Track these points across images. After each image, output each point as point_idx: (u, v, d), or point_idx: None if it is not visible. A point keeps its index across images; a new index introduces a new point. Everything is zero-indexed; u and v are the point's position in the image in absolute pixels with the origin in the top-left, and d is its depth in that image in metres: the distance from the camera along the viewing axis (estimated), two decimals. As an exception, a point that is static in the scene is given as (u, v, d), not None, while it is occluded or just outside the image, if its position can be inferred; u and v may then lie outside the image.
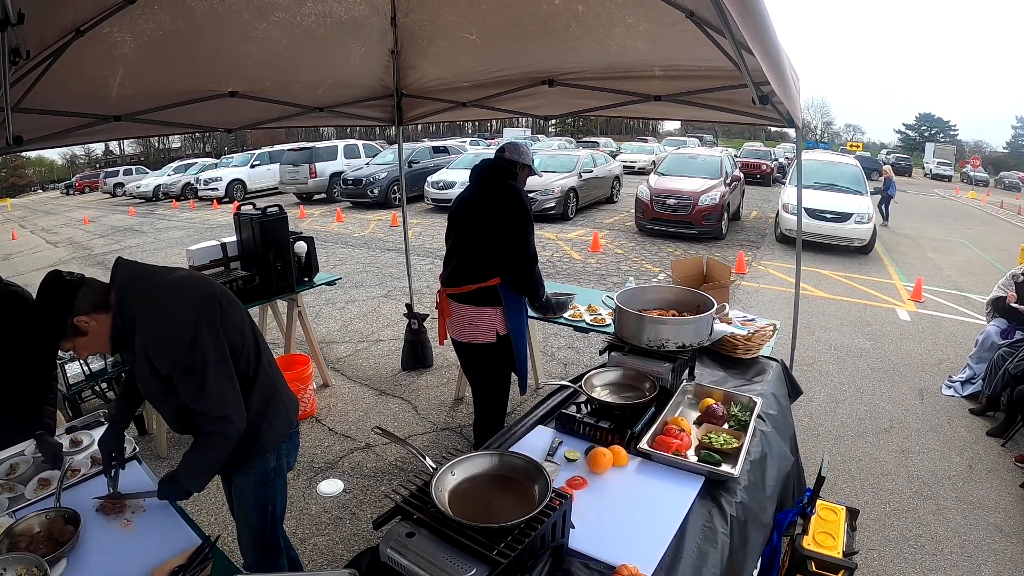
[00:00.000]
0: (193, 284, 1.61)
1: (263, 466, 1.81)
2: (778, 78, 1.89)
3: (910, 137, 58.51)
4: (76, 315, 1.47)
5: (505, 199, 2.60)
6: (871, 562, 2.67)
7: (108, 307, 1.51)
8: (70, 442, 2.03)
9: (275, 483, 1.86)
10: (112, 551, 1.53)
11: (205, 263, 3.80)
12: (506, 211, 2.58)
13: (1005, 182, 32.21)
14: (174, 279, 1.61)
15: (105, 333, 1.52)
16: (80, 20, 1.96)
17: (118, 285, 1.53)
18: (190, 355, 1.50)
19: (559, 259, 8.72)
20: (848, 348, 5.35)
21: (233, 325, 1.64)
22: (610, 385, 2.11)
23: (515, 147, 2.78)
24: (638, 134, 40.54)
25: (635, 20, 2.42)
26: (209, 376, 1.52)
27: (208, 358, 1.52)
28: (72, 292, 1.48)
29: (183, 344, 1.50)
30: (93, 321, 1.49)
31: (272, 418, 1.77)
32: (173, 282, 1.59)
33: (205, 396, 1.54)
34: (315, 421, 3.97)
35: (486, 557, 1.17)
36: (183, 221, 14.27)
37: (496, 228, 2.61)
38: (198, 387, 1.53)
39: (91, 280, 1.55)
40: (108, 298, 1.52)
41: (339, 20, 2.75)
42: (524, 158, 2.77)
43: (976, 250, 10.69)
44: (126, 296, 1.52)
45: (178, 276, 1.64)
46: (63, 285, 1.48)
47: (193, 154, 38.53)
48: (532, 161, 2.80)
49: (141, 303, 1.52)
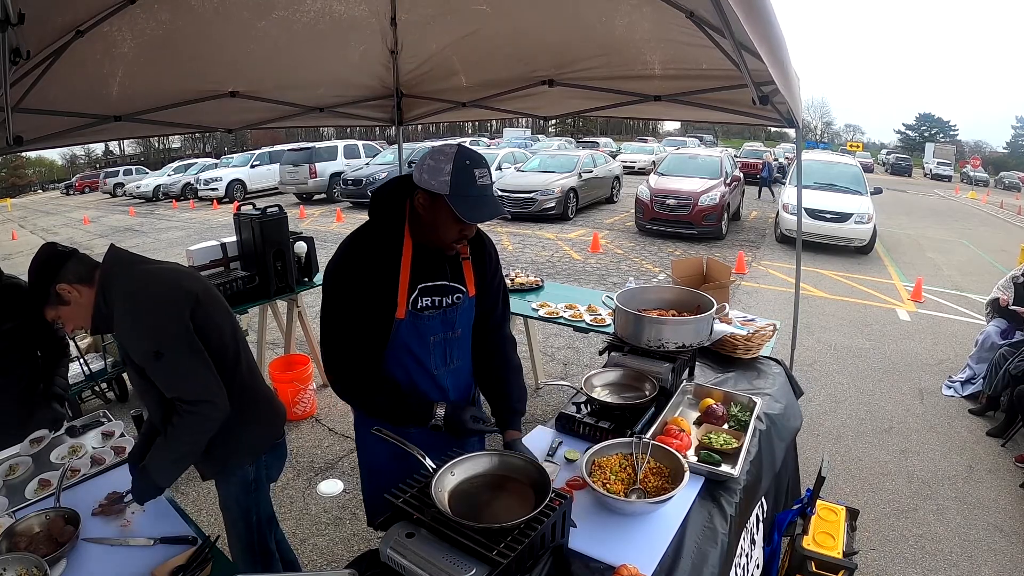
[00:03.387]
0: (173, 276, 1.61)
1: (243, 477, 1.78)
2: (783, 76, 1.89)
3: (910, 137, 58.56)
4: (59, 283, 1.51)
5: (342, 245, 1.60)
6: (871, 562, 2.66)
7: (92, 283, 1.55)
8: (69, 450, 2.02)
9: (257, 493, 1.84)
10: (112, 551, 1.53)
11: (205, 263, 3.80)
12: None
13: (1005, 182, 32.22)
14: (156, 269, 1.62)
15: (87, 308, 1.55)
16: (80, 20, 1.96)
17: (104, 266, 1.57)
18: (156, 339, 1.48)
19: (559, 259, 8.72)
20: (848, 348, 5.35)
21: (211, 326, 1.61)
22: (610, 385, 2.11)
23: (423, 158, 1.44)
24: (638, 134, 40.53)
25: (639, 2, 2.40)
26: (179, 358, 1.49)
27: (176, 341, 1.50)
28: (60, 261, 1.54)
29: (149, 327, 1.50)
30: (75, 292, 1.53)
31: (249, 428, 1.74)
32: (154, 271, 1.60)
33: (179, 379, 1.51)
34: (315, 421, 3.97)
35: (486, 557, 1.17)
36: (183, 221, 14.26)
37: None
38: (169, 370, 1.50)
39: (82, 255, 1.60)
40: (94, 274, 1.56)
41: (338, 18, 2.75)
42: (425, 177, 1.41)
43: (976, 250, 10.70)
44: (109, 278, 1.54)
45: (162, 267, 1.64)
46: (54, 253, 1.55)
47: (193, 154, 38.51)
48: (445, 185, 1.38)
49: (120, 287, 1.52)
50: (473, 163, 1.41)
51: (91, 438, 2.12)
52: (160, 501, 1.73)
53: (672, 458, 1.63)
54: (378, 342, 1.57)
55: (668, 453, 1.64)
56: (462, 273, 1.65)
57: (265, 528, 1.92)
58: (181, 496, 3.07)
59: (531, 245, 9.73)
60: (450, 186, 1.38)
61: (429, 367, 1.64)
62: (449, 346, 1.66)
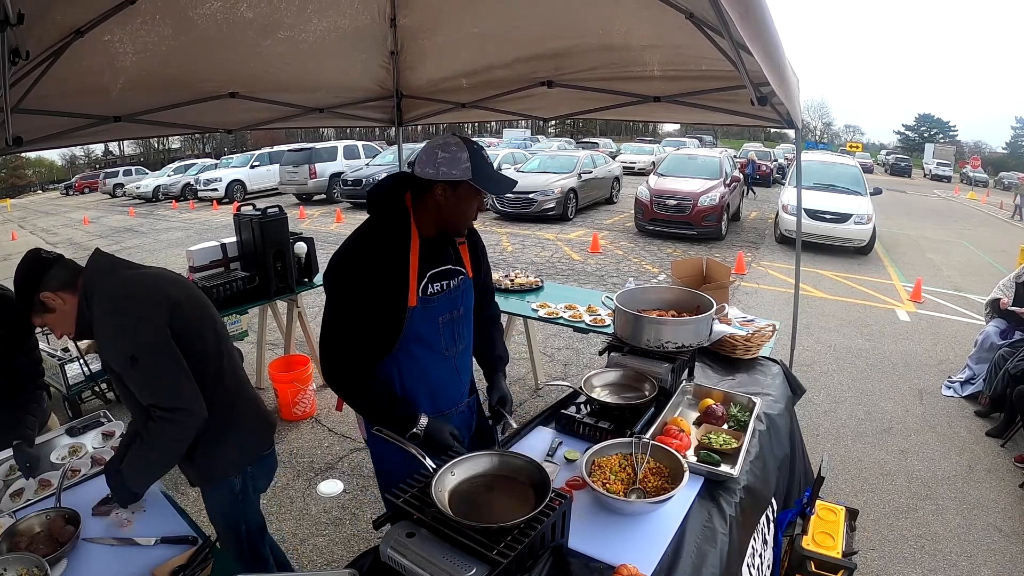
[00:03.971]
0: (152, 282, 1.59)
1: (228, 488, 1.76)
2: (778, 78, 1.89)
3: (910, 138, 58.58)
4: (43, 291, 1.51)
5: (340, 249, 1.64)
6: (871, 562, 2.67)
7: (75, 289, 1.54)
8: (69, 450, 2.02)
9: (243, 504, 1.81)
10: (112, 551, 1.53)
11: (205, 263, 3.80)
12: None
13: (1004, 183, 32.22)
14: (137, 274, 1.60)
15: (72, 315, 1.54)
16: (80, 21, 1.96)
17: (86, 273, 1.55)
18: (132, 344, 1.47)
19: (559, 260, 8.72)
20: (848, 348, 5.35)
21: (192, 333, 1.59)
22: (610, 386, 2.11)
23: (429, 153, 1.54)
24: (637, 135, 40.50)
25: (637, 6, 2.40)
26: (154, 363, 1.48)
27: (152, 348, 1.48)
28: (43, 269, 1.53)
29: (126, 333, 1.48)
30: (59, 299, 1.53)
31: (233, 439, 1.72)
32: (134, 277, 1.58)
33: (154, 385, 1.49)
34: (315, 422, 3.97)
35: (486, 557, 1.17)
36: (183, 222, 14.27)
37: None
38: (143, 376, 1.48)
39: (66, 261, 1.59)
40: (76, 281, 1.55)
41: (344, 33, 2.75)
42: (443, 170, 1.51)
43: (975, 250, 10.70)
44: (91, 285, 1.53)
45: (143, 273, 1.62)
46: (37, 261, 1.55)
47: (193, 155, 38.47)
48: (466, 171, 1.51)
49: (100, 293, 1.51)
50: (479, 148, 1.57)
51: (91, 438, 2.12)
52: (160, 501, 1.74)
53: (672, 458, 1.63)
54: (387, 336, 1.62)
55: (668, 453, 1.65)
56: (461, 257, 1.77)
57: (256, 537, 1.90)
58: (181, 496, 3.06)
59: (531, 246, 9.73)
60: (472, 170, 1.52)
61: (441, 349, 1.71)
62: (456, 326, 1.75)
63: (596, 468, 1.62)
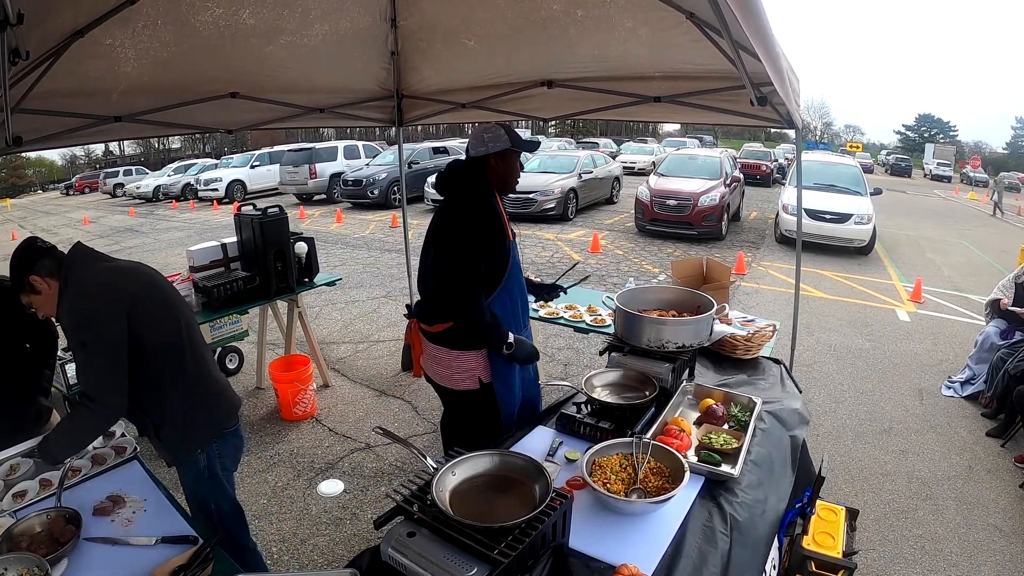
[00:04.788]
0: (114, 276, 1.75)
1: (193, 465, 1.89)
2: (776, 79, 1.90)
3: (910, 138, 58.51)
4: (33, 274, 1.70)
5: (452, 213, 2.16)
6: (871, 562, 2.67)
7: (58, 276, 1.71)
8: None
9: (211, 483, 1.93)
10: (113, 551, 1.53)
11: (205, 263, 3.80)
12: (446, 229, 2.14)
13: (1005, 183, 32.18)
14: (104, 267, 1.76)
15: (54, 298, 1.72)
16: (80, 21, 1.96)
17: (66, 263, 1.72)
18: (84, 330, 1.65)
19: (559, 260, 8.72)
20: (848, 349, 5.35)
21: (152, 325, 1.74)
22: (610, 386, 2.11)
23: (477, 137, 2.19)
24: (638, 135, 40.46)
25: (634, 24, 2.43)
26: (96, 355, 1.64)
27: (99, 340, 1.64)
28: (37, 254, 1.72)
29: (79, 320, 1.65)
30: (45, 284, 1.71)
31: (194, 417, 1.85)
32: (100, 269, 1.75)
33: (87, 373, 1.68)
34: (315, 422, 3.97)
35: (487, 557, 1.17)
36: (183, 222, 14.27)
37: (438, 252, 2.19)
38: (84, 363, 1.67)
39: (56, 251, 1.77)
40: (60, 269, 1.72)
41: (345, 35, 2.75)
42: (491, 145, 2.15)
43: (976, 251, 10.70)
44: (68, 275, 1.70)
45: (111, 267, 1.78)
46: (32, 248, 1.74)
47: (193, 155, 38.44)
48: (507, 142, 2.16)
49: (72, 282, 1.68)
50: (510, 125, 2.26)
51: (91, 438, 2.11)
52: (161, 501, 1.74)
53: (672, 458, 1.63)
54: (498, 270, 2.15)
55: (668, 453, 1.65)
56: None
57: (231, 523, 1.98)
58: (182, 496, 3.06)
59: (531, 245, 9.73)
60: (511, 142, 2.18)
61: (522, 281, 2.36)
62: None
63: (597, 468, 1.62)
